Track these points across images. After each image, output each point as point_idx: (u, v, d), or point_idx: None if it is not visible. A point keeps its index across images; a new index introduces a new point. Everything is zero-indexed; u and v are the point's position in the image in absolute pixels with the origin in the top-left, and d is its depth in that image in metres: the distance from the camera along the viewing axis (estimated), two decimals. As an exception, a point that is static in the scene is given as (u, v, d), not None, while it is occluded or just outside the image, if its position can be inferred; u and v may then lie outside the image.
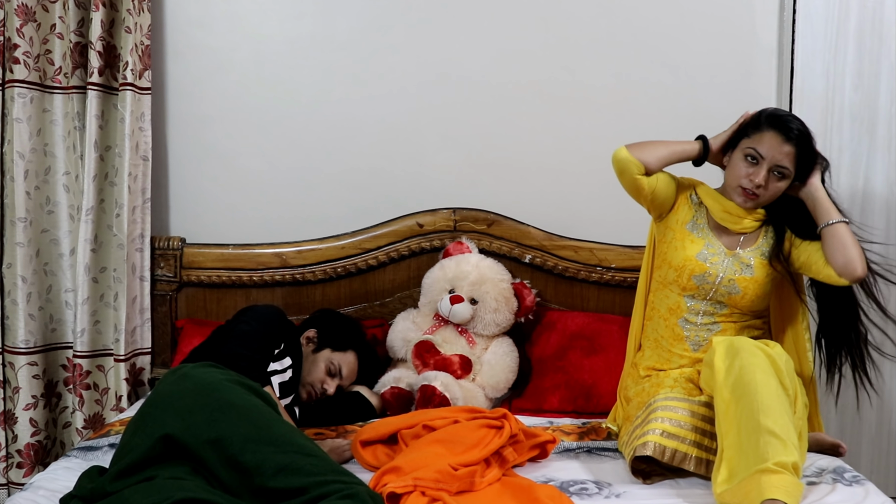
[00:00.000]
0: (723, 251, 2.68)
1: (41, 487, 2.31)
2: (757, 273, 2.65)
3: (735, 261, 2.66)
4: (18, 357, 3.23)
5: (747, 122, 2.65)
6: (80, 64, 3.24)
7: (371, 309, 3.40)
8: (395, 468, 2.26)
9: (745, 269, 2.66)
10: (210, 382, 2.18)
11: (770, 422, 2.21)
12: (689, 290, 2.69)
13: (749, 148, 2.58)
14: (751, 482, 2.15)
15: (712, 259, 2.66)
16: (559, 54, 3.42)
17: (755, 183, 2.56)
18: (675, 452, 2.39)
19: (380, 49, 3.43)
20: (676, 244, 2.71)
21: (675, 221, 2.75)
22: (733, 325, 2.71)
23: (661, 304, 2.77)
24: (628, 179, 2.70)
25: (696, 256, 2.67)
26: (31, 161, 3.23)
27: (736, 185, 2.61)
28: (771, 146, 2.55)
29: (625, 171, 2.69)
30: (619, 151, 2.68)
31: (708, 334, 2.69)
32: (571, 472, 2.52)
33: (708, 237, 2.70)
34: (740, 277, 2.65)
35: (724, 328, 2.70)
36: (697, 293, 2.68)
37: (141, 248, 3.30)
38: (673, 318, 2.73)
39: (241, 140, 3.45)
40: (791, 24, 3.36)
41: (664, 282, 2.75)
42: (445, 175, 3.45)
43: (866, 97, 3.37)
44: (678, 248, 2.70)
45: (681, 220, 2.74)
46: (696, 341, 2.71)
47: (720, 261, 2.66)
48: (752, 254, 2.67)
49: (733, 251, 2.68)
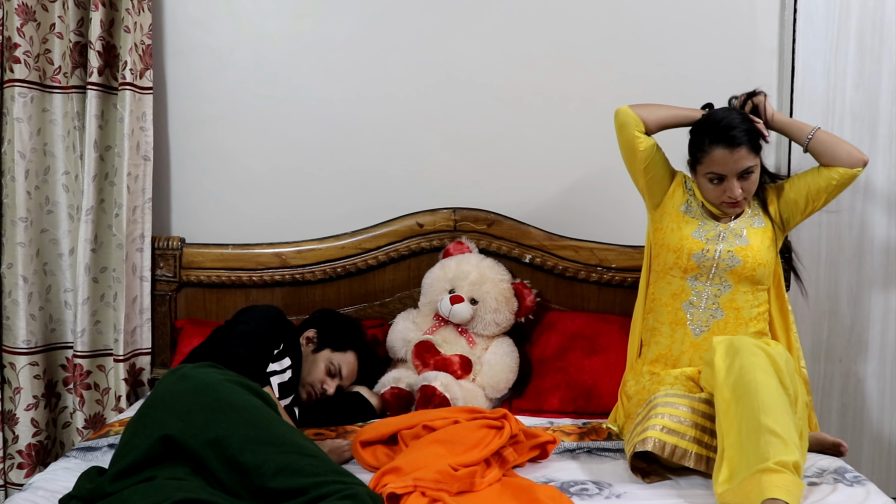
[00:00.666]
0: (717, 226, 2.75)
1: (40, 488, 2.31)
2: (751, 240, 2.73)
3: (729, 233, 2.74)
4: (19, 357, 3.23)
5: (691, 145, 2.74)
6: (80, 63, 3.24)
7: (371, 309, 3.39)
8: (395, 469, 2.26)
9: (738, 238, 2.73)
10: (209, 383, 2.18)
11: (770, 421, 2.21)
12: (690, 270, 2.74)
13: (708, 173, 2.68)
14: (751, 482, 2.15)
15: (708, 235, 2.74)
16: (559, 54, 3.42)
17: (734, 196, 2.67)
18: (675, 448, 2.39)
19: (380, 49, 3.42)
20: (672, 226, 2.79)
21: (671, 206, 2.83)
22: (736, 313, 2.73)
23: (663, 293, 2.80)
24: (626, 136, 2.79)
25: (692, 235, 2.74)
26: (31, 161, 3.22)
27: (718, 203, 2.72)
28: (725, 162, 2.64)
29: (624, 126, 2.79)
30: (622, 107, 2.80)
31: (711, 320, 2.72)
32: (572, 472, 2.52)
33: (700, 217, 2.77)
34: (737, 247, 2.72)
35: (726, 315, 2.72)
36: (699, 273, 2.73)
37: (141, 248, 3.30)
38: (676, 302, 2.76)
39: (240, 140, 3.45)
40: (792, 24, 3.35)
41: (665, 268, 2.79)
42: (445, 175, 3.44)
43: (867, 97, 3.37)
44: (674, 230, 2.78)
45: (676, 203, 2.82)
46: (698, 325, 2.74)
47: (715, 235, 2.74)
48: (742, 224, 2.76)
49: (726, 224, 2.76)
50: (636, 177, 2.85)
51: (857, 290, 3.43)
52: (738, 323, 2.73)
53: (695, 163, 2.73)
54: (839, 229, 3.42)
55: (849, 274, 3.43)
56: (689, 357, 2.73)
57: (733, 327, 2.72)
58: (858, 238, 3.42)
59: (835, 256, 3.42)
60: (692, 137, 2.75)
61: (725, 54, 3.39)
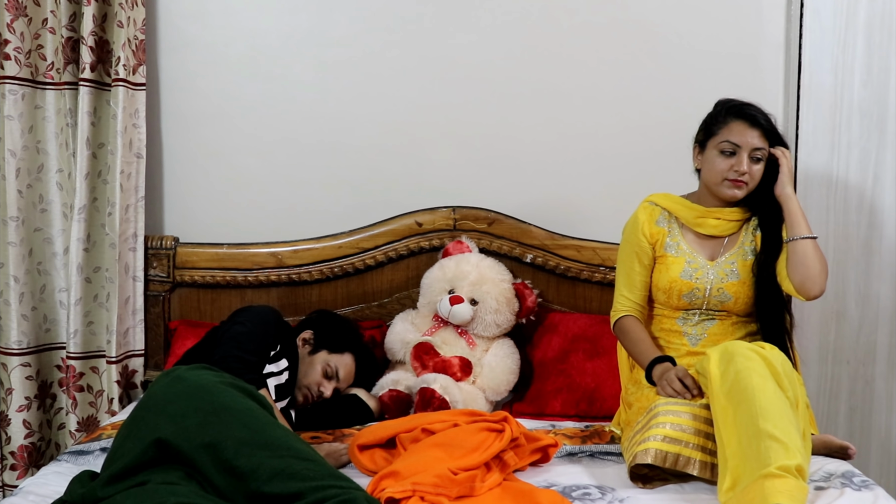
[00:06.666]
0: (705, 264, 2.73)
1: (31, 492, 2.31)
2: (742, 275, 2.70)
3: (718, 269, 2.72)
4: (11, 358, 3.22)
5: (708, 121, 2.74)
6: (72, 59, 3.22)
7: (369, 310, 3.38)
8: (394, 473, 2.26)
9: (730, 274, 2.71)
10: (204, 385, 2.17)
11: (770, 426, 2.20)
12: (680, 307, 2.75)
13: (723, 142, 2.66)
14: (754, 488, 2.14)
15: (696, 274, 2.72)
16: (561, 50, 3.39)
17: (740, 171, 2.65)
18: (677, 457, 2.37)
19: (378, 44, 3.40)
20: (661, 268, 2.77)
21: (656, 252, 2.80)
22: (729, 321, 2.74)
23: (653, 325, 2.84)
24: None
25: (680, 276, 2.72)
26: (22, 159, 3.21)
27: (721, 179, 2.68)
28: (742, 133, 2.65)
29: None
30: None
31: (704, 330, 2.73)
32: (574, 476, 2.50)
33: (687, 254, 2.75)
34: (728, 284, 2.70)
35: (720, 324, 2.74)
36: (690, 307, 2.74)
37: (134, 247, 3.28)
38: (667, 335, 2.79)
39: (235, 137, 3.44)
40: (799, 19, 3.33)
41: (657, 303, 2.81)
42: (445, 173, 3.43)
43: (876, 93, 3.34)
44: (662, 272, 2.76)
45: (658, 246, 2.79)
46: (693, 335, 2.75)
47: (704, 274, 2.71)
48: (734, 257, 2.73)
49: (714, 261, 2.73)
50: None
51: (866, 291, 3.41)
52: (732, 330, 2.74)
53: (708, 137, 2.71)
54: (847, 228, 3.39)
55: (857, 274, 3.41)
56: (686, 363, 2.71)
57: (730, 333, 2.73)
58: (867, 237, 3.39)
59: (842, 256, 3.40)
60: (710, 116, 2.75)
61: (731, 49, 3.37)
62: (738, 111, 2.68)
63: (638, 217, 2.81)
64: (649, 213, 2.81)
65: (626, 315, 2.80)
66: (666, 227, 2.79)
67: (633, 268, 2.80)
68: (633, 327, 2.77)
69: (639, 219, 2.80)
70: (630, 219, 2.85)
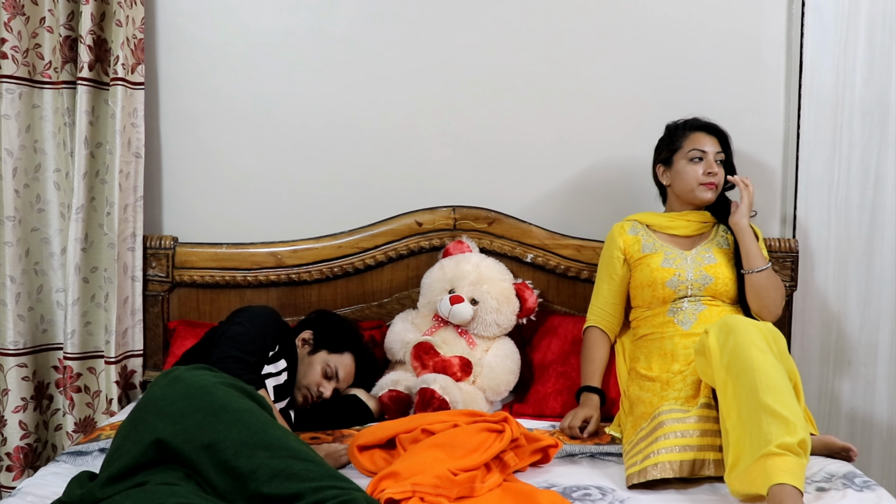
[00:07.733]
0: (682, 253, 2.92)
1: (30, 493, 2.30)
2: (719, 259, 2.89)
3: (696, 255, 2.90)
4: (7, 359, 3.21)
5: (666, 140, 3.01)
6: (70, 58, 3.21)
7: (368, 310, 3.37)
8: (393, 473, 2.25)
9: (707, 258, 2.89)
10: (203, 385, 2.16)
11: (770, 399, 2.23)
12: (668, 299, 2.86)
13: (691, 150, 2.92)
14: (756, 468, 2.17)
15: (676, 262, 2.89)
16: (562, 49, 3.39)
17: (713, 171, 2.90)
18: (693, 463, 2.39)
19: (378, 44, 3.39)
20: (641, 267, 2.93)
21: (633, 259, 2.97)
22: (718, 309, 2.85)
23: (645, 325, 2.93)
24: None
25: (661, 265, 2.89)
26: (19, 158, 3.20)
27: (696, 184, 2.91)
28: (705, 142, 2.93)
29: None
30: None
31: (695, 312, 2.84)
32: (574, 477, 2.50)
33: (664, 247, 2.94)
34: (707, 266, 2.87)
35: (710, 309, 2.84)
36: (677, 296, 2.86)
37: (132, 247, 3.27)
38: (661, 328, 2.86)
39: (234, 136, 3.43)
40: (800, 18, 3.31)
41: (645, 304, 2.93)
42: (445, 172, 3.42)
43: (877, 92, 3.33)
44: (644, 269, 2.92)
45: (636, 252, 2.97)
46: (684, 320, 2.84)
47: (683, 261, 2.89)
48: (709, 246, 2.94)
49: (690, 250, 2.93)
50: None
51: (867, 291, 3.40)
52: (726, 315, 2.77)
53: (673, 152, 2.95)
54: (848, 228, 3.38)
55: (858, 274, 3.40)
56: (682, 347, 2.77)
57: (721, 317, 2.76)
58: (868, 237, 3.38)
59: (844, 256, 3.39)
60: (667, 136, 3.01)
61: (732, 48, 3.36)
62: (694, 125, 2.97)
63: (612, 233, 3.03)
64: (621, 227, 3.02)
65: (591, 326, 3.03)
66: (640, 235, 2.98)
67: (603, 284, 3.03)
68: (593, 342, 3.00)
69: (613, 234, 3.03)
70: (606, 237, 3.06)
